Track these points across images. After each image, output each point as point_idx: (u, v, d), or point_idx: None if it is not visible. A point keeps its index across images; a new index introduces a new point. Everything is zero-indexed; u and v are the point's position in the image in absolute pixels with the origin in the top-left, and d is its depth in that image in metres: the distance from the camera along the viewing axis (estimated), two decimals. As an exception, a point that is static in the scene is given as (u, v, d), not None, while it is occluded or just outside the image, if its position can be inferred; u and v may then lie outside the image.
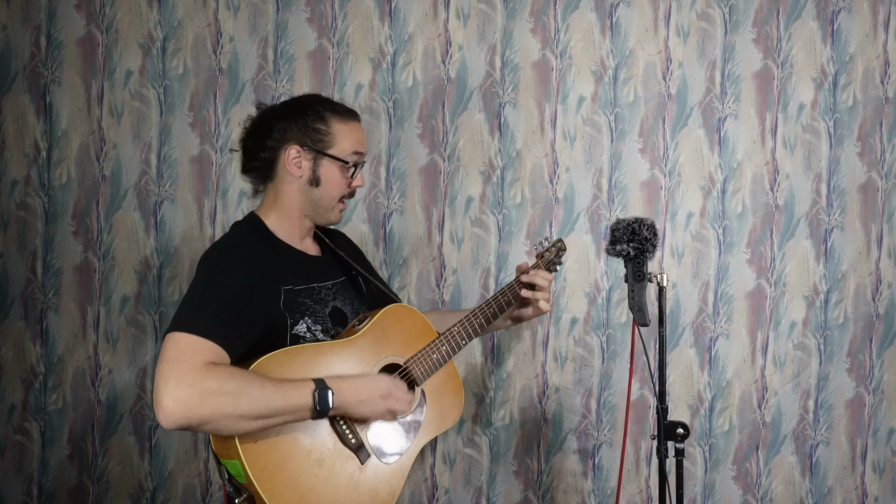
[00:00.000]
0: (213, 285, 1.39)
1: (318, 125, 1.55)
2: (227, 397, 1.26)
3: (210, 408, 1.24)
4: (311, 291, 1.54)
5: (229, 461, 1.33)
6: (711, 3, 2.25)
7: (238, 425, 1.28)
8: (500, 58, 2.26)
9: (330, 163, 1.55)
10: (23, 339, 2.27)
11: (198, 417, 1.24)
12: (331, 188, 1.57)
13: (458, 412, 1.68)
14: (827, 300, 2.26)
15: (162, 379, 1.24)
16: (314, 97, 1.62)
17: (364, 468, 1.46)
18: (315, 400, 1.35)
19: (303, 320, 1.49)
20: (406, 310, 1.64)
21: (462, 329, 1.67)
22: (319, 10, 2.26)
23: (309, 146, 1.54)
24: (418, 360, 1.59)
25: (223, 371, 1.28)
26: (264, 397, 1.29)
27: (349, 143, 1.57)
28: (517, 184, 2.26)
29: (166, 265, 2.26)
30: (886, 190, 2.26)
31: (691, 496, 2.25)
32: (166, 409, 1.22)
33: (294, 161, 1.54)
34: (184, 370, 1.25)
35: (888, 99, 2.25)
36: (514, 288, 1.77)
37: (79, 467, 2.27)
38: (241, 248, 1.48)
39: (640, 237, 1.55)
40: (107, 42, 2.27)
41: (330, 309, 1.56)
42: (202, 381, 1.25)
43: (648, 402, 2.25)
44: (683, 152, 2.26)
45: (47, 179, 2.27)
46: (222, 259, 1.44)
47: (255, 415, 1.29)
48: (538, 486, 2.26)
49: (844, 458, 2.25)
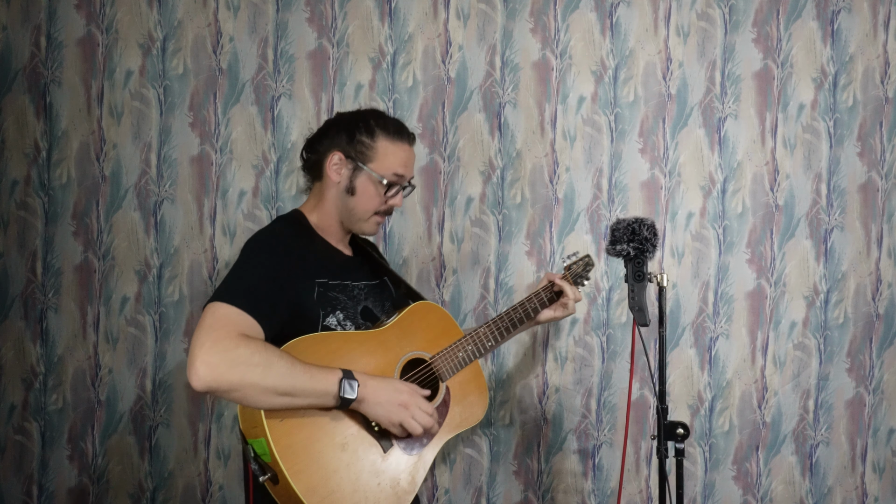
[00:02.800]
0: (252, 264, 1.47)
1: (364, 138, 1.61)
2: (256, 368, 1.32)
3: (238, 375, 1.31)
4: (344, 288, 1.59)
5: (255, 440, 1.38)
6: (711, 3, 2.25)
7: (263, 398, 1.34)
8: (500, 58, 2.26)
9: (367, 176, 1.61)
10: (23, 339, 2.27)
11: (226, 383, 1.31)
12: (364, 200, 1.62)
13: (483, 411, 1.70)
14: (827, 300, 2.26)
15: (197, 343, 1.31)
16: (373, 112, 1.68)
17: (386, 457, 1.49)
18: (340, 388, 1.40)
19: (334, 314, 1.54)
20: (433, 307, 1.67)
21: (488, 331, 1.70)
22: (319, 10, 2.26)
23: (351, 156, 1.61)
24: (444, 357, 1.62)
25: (255, 343, 1.35)
26: (291, 375, 1.36)
27: (391, 161, 1.62)
28: (517, 184, 2.26)
29: (166, 265, 2.26)
30: (886, 190, 2.26)
31: (691, 496, 2.25)
32: (198, 371, 1.29)
33: (334, 167, 1.62)
34: (218, 337, 1.32)
35: (888, 99, 2.25)
36: (542, 295, 1.79)
37: (79, 467, 2.27)
38: (281, 237, 1.55)
39: (640, 237, 1.55)
40: (107, 42, 2.27)
41: (361, 307, 1.61)
42: (234, 349, 1.32)
43: (648, 402, 2.26)
44: (683, 152, 2.26)
45: (47, 179, 2.27)
46: (263, 243, 1.52)
47: (279, 390, 1.35)
48: (538, 486, 2.26)
49: (844, 458, 2.25)
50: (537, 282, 2.25)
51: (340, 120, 1.66)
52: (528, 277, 2.26)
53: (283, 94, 2.26)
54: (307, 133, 2.25)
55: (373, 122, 1.63)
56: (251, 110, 2.27)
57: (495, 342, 1.71)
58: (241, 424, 1.43)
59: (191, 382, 1.30)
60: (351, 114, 1.68)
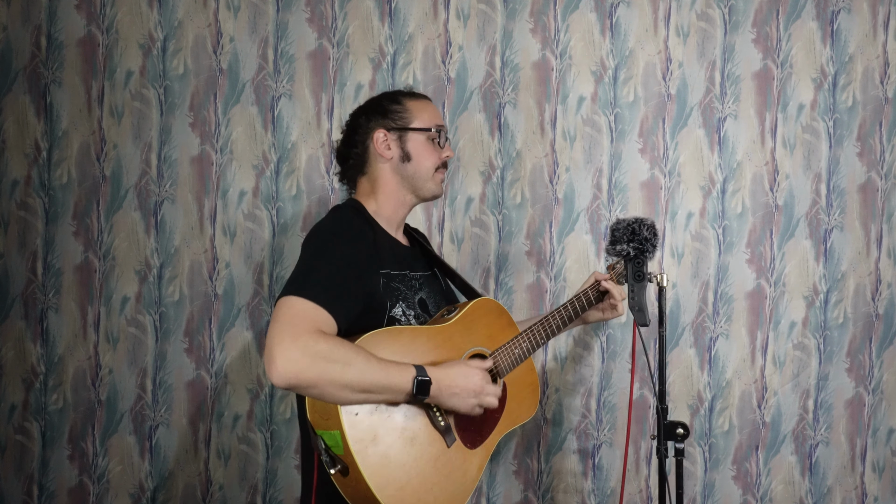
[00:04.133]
0: (326, 256, 1.46)
1: (395, 106, 1.67)
2: (336, 365, 1.32)
3: (318, 372, 1.31)
4: (403, 278, 1.61)
5: (328, 432, 1.39)
6: (711, 3, 2.26)
7: (340, 394, 1.35)
8: (500, 58, 2.27)
9: (415, 136, 1.66)
10: (23, 339, 2.27)
11: (306, 380, 1.31)
12: (422, 159, 1.66)
13: (535, 406, 1.74)
14: (826, 300, 2.26)
15: (277, 338, 1.30)
16: (385, 92, 1.77)
17: (449, 451, 1.51)
18: (414, 386, 1.41)
19: (398, 304, 1.55)
20: (493, 304, 1.70)
21: (542, 328, 1.72)
22: (319, 10, 2.26)
23: (393, 127, 1.65)
24: (503, 353, 1.65)
25: (334, 340, 1.35)
26: (369, 371, 1.36)
27: (428, 115, 1.68)
28: (517, 184, 2.27)
29: (166, 265, 2.27)
30: (886, 190, 2.26)
31: (691, 496, 2.25)
32: (279, 367, 1.29)
33: (383, 144, 1.65)
34: (298, 332, 1.31)
35: (888, 99, 2.25)
36: (589, 294, 1.81)
37: (79, 467, 2.27)
38: (350, 225, 1.56)
39: (640, 237, 1.56)
40: (107, 42, 2.27)
41: (418, 298, 1.63)
42: (315, 345, 1.31)
43: (648, 402, 2.26)
44: (683, 152, 2.26)
45: (48, 179, 2.27)
46: (334, 233, 1.52)
47: (357, 387, 1.35)
48: (538, 486, 2.26)
49: (844, 457, 2.25)
50: (537, 282, 2.25)
51: (362, 111, 1.70)
52: (528, 277, 2.26)
53: (284, 94, 2.27)
54: (306, 132, 2.26)
55: (393, 94, 1.70)
56: (251, 110, 2.27)
57: (546, 338, 1.74)
58: (310, 416, 1.43)
59: (270, 378, 1.30)
60: (368, 101, 1.72)
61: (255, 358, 2.26)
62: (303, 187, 2.26)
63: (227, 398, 2.26)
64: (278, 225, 2.27)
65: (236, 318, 2.26)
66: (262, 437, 2.25)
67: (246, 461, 2.25)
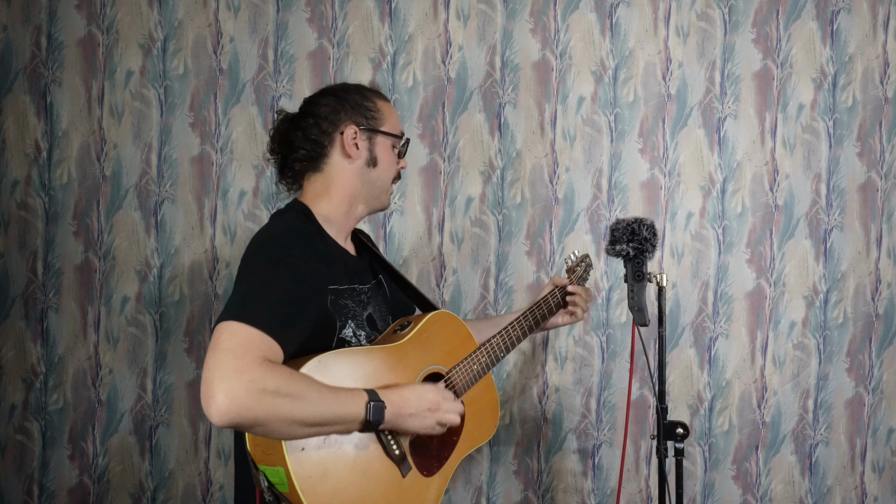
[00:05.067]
0: (272, 276, 1.29)
1: (367, 103, 1.51)
2: (285, 399, 1.17)
3: (265, 408, 1.15)
4: (352, 293, 1.47)
5: (271, 467, 1.26)
6: (711, 3, 2.26)
7: (289, 430, 1.20)
8: (500, 58, 2.27)
9: (384, 140, 1.52)
10: (23, 338, 2.27)
11: (252, 417, 1.14)
12: (386, 168, 1.52)
13: (494, 427, 1.65)
14: (826, 300, 2.26)
15: (218, 372, 1.13)
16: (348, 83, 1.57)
17: (404, 481, 1.41)
18: (368, 412, 1.28)
19: (348, 324, 1.42)
20: (449, 317, 1.59)
21: (501, 341, 1.64)
22: (319, 10, 2.27)
23: (364, 126, 1.49)
24: (460, 371, 1.55)
25: (283, 371, 1.19)
26: (321, 404, 1.22)
27: (394, 120, 1.55)
28: (517, 184, 2.27)
29: (167, 265, 2.27)
30: (886, 190, 2.26)
31: (691, 496, 2.25)
32: (220, 404, 1.11)
33: (351, 141, 1.48)
34: (242, 365, 1.14)
35: (888, 99, 2.26)
36: (549, 301, 1.77)
37: (79, 467, 2.27)
38: (298, 238, 1.39)
39: (639, 237, 1.56)
40: (107, 42, 2.27)
41: (367, 314, 1.50)
42: (262, 379, 1.15)
43: (648, 402, 2.26)
44: (683, 152, 2.26)
45: (48, 179, 2.27)
46: (280, 248, 1.35)
47: (309, 421, 1.21)
48: (538, 486, 2.26)
49: (844, 457, 2.25)
50: (537, 282, 2.25)
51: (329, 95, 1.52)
52: (528, 277, 2.26)
53: (284, 94, 2.27)
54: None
55: (361, 89, 1.54)
56: (251, 110, 2.27)
57: (506, 351, 1.65)
58: (250, 448, 1.29)
59: (208, 415, 1.12)
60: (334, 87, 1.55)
61: (255, 358, 2.26)
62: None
63: (227, 398, 2.26)
64: (278, 225, 2.27)
65: (236, 317, 2.26)
66: (263, 436, 2.25)
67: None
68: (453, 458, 1.54)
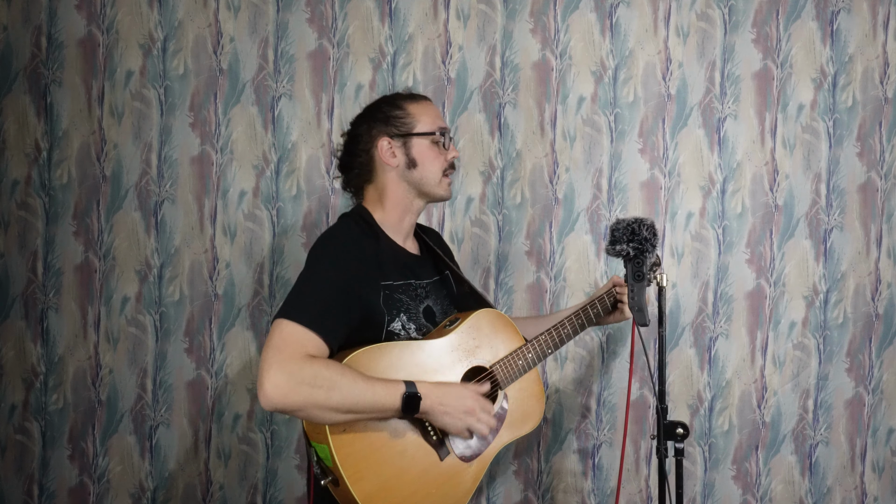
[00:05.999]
0: (319, 276, 1.47)
1: (396, 112, 1.64)
2: (320, 390, 1.35)
3: (303, 397, 1.34)
4: (407, 288, 1.60)
5: (319, 444, 1.42)
6: (711, 3, 2.26)
7: (327, 416, 1.37)
8: (500, 58, 2.27)
9: (419, 141, 1.63)
10: (23, 339, 2.27)
11: (292, 404, 1.34)
12: (428, 164, 1.64)
13: (539, 417, 1.70)
14: (826, 300, 2.26)
15: (266, 364, 1.34)
16: (383, 96, 1.71)
17: (442, 464, 1.51)
18: (402, 403, 1.42)
19: (398, 318, 1.54)
20: (497, 315, 1.67)
21: (550, 338, 1.72)
22: (320, 10, 2.27)
23: (396, 134, 1.62)
24: (503, 366, 1.63)
25: (319, 364, 1.37)
26: (354, 394, 1.38)
27: (429, 118, 1.65)
28: (517, 184, 2.27)
29: (167, 265, 2.27)
30: (886, 190, 2.26)
31: (691, 496, 2.25)
32: (266, 392, 1.32)
33: (387, 152, 1.62)
34: (285, 358, 1.35)
35: (887, 99, 2.26)
36: (605, 300, 1.81)
37: (79, 467, 2.27)
38: (347, 240, 1.54)
39: (639, 237, 1.55)
40: (107, 42, 2.27)
41: (424, 307, 1.62)
42: (300, 371, 1.34)
43: (648, 402, 2.26)
44: (683, 152, 2.26)
45: (48, 179, 2.27)
46: (329, 250, 1.52)
47: (343, 408, 1.37)
48: (538, 486, 2.26)
49: (844, 457, 2.25)
50: (537, 282, 2.26)
51: (361, 119, 1.68)
52: (528, 277, 2.26)
53: (284, 94, 2.27)
54: (307, 133, 2.26)
55: (393, 99, 1.67)
56: (251, 110, 2.27)
57: (555, 348, 1.73)
58: (305, 428, 1.46)
59: (260, 401, 1.34)
60: (367, 108, 1.69)
61: (255, 358, 2.26)
62: (303, 187, 2.26)
63: (227, 398, 2.26)
64: (278, 225, 2.27)
65: (236, 318, 2.26)
66: (263, 437, 2.25)
67: (246, 461, 2.25)
68: (493, 445, 1.60)
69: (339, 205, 2.26)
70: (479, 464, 1.57)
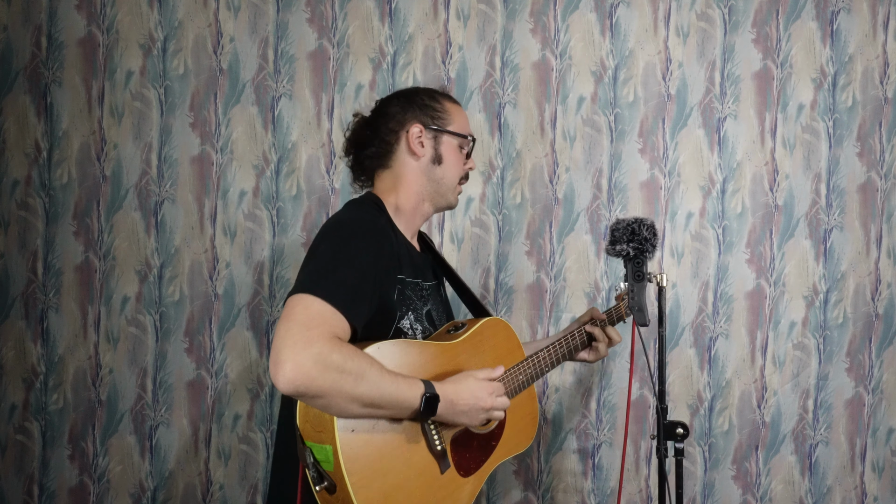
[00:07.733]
0: (346, 256, 1.34)
1: (434, 104, 1.59)
2: (349, 376, 1.22)
3: (329, 382, 1.20)
4: (415, 287, 1.53)
5: (318, 445, 1.28)
6: (711, 3, 2.26)
7: (348, 407, 1.25)
8: (500, 58, 2.27)
9: (450, 140, 1.58)
10: (23, 338, 2.27)
11: (315, 388, 1.20)
12: (452, 166, 1.59)
13: (532, 437, 1.69)
14: (826, 300, 2.26)
15: (289, 340, 1.19)
16: (420, 86, 1.66)
17: (442, 477, 1.44)
18: (422, 403, 1.32)
19: (407, 316, 1.47)
20: (502, 324, 1.65)
21: (548, 356, 1.69)
22: (320, 10, 2.27)
23: (430, 125, 1.56)
24: (508, 378, 1.59)
25: (349, 349, 1.24)
26: (381, 387, 1.27)
27: (462, 121, 1.62)
28: (517, 184, 2.27)
29: (167, 265, 2.27)
30: (886, 190, 2.26)
31: (691, 496, 2.25)
32: (286, 373, 1.17)
33: (417, 140, 1.55)
34: (312, 337, 1.20)
35: (887, 99, 2.26)
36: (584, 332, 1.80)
37: (79, 467, 2.27)
38: (373, 226, 1.44)
39: (639, 237, 1.55)
40: (107, 42, 2.27)
41: (426, 310, 1.55)
42: (329, 353, 1.20)
43: (648, 402, 2.26)
44: (683, 152, 2.26)
45: (48, 179, 2.27)
46: (358, 230, 1.41)
47: (367, 401, 1.26)
48: (538, 486, 2.26)
49: (844, 457, 2.26)
50: (537, 282, 2.26)
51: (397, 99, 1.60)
52: (528, 277, 2.26)
53: (284, 94, 2.27)
54: (307, 133, 2.26)
55: (431, 92, 1.62)
56: (251, 110, 2.27)
57: (551, 366, 1.70)
58: (300, 424, 1.31)
59: (275, 381, 1.18)
60: (404, 91, 1.63)
61: (255, 358, 2.26)
62: (303, 187, 2.26)
63: (227, 398, 2.26)
64: (278, 225, 2.27)
65: (236, 318, 2.26)
66: (263, 437, 2.25)
67: (246, 461, 2.25)
68: (490, 462, 1.57)
69: (339, 205, 2.26)
70: (476, 479, 1.53)
